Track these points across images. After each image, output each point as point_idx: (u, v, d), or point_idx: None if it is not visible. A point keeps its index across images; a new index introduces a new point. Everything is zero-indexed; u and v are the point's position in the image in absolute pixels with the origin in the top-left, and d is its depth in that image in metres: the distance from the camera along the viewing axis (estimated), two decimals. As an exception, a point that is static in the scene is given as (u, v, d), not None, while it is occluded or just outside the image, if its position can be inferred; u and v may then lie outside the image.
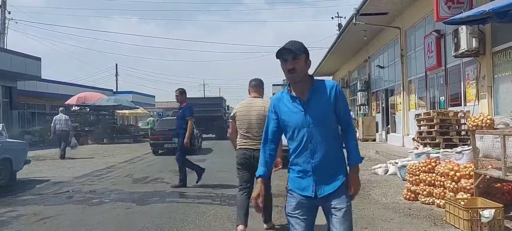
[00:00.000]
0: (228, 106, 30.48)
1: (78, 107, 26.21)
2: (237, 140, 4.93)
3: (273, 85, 42.95)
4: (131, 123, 33.33)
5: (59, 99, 28.60)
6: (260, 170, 2.57)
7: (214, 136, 25.36)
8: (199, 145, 17.75)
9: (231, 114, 5.14)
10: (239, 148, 4.89)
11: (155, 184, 8.42)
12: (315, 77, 2.52)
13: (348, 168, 2.54)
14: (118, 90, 44.31)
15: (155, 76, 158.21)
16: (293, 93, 2.49)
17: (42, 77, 24.93)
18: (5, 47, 26.11)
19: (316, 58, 34.64)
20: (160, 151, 16.26)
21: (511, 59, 8.16)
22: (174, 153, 9.64)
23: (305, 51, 2.47)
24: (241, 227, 4.65)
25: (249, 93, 5.04)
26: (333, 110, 2.47)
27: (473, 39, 8.68)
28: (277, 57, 2.47)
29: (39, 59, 23.46)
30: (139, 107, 32.45)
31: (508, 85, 8.32)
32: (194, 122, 18.62)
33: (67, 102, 25.91)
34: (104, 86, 39.34)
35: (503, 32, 8.27)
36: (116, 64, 51.52)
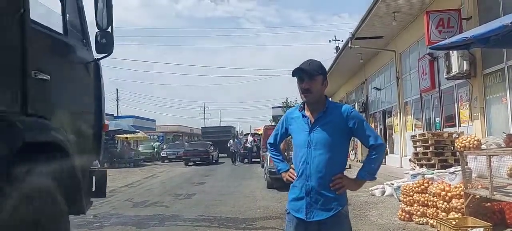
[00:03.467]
0: (237, 131, 33.99)
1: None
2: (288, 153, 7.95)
3: (272, 107, 43.17)
4: (132, 147, 33.42)
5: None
6: (282, 166, 2.67)
7: (225, 155, 30.84)
8: (216, 159, 27.15)
9: (289, 138, 8.92)
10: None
11: (155, 208, 8.51)
12: (330, 99, 2.53)
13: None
14: (119, 115, 44.55)
15: (155, 101, 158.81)
16: (304, 112, 2.49)
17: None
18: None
19: (314, 80, 34.81)
20: (189, 163, 24.33)
21: (501, 81, 8.37)
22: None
23: (322, 72, 2.45)
24: None
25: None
26: (343, 136, 2.44)
27: (464, 62, 8.91)
28: (293, 76, 2.46)
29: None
30: (139, 132, 32.60)
31: (500, 106, 8.51)
32: (212, 144, 23.87)
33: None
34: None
35: (492, 55, 8.51)
36: (117, 89, 51.84)
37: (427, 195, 6.04)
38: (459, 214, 5.24)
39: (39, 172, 2.51)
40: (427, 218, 5.92)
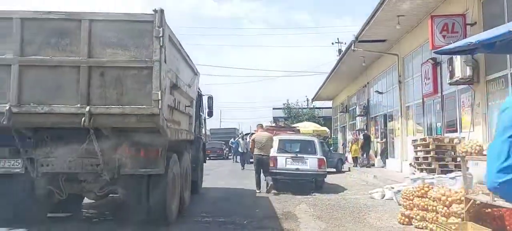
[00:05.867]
0: (241, 133, 35.66)
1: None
2: (254, 150, 10.57)
3: (273, 109, 43.11)
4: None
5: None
6: None
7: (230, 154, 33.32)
8: (227, 156, 31.53)
9: (252, 138, 11.23)
10: (255, 154, 10.54)
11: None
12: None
13: None
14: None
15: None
16: None
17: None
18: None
19: (316, 83, 34.86)
20: (207, 159, 26.47)
21: (504, 88, 8.36)
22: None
23: None
24: (258, 191, 10.28)
25: (259, 129, 11.53)
26: None
27: (467, 67, 8.92)
28: None
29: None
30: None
31: (502, 113, 8.48)
32: (225, 143, 33.23)
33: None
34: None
35: (496, 61, 8.50)
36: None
37: (427, 199, 6.02)
38: (459, 219, 5.22)
39: (201, 150, 10.27)
40: (427, 222, 5.90)
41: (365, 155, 18.32)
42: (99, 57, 5.00)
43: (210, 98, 10.92)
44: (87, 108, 4.87)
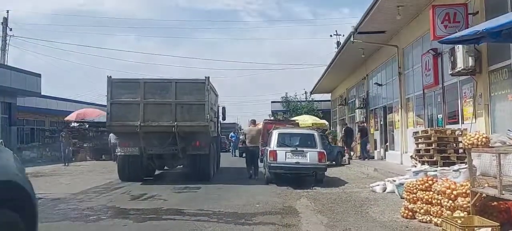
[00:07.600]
0: (240, 127, 36.68)
1: (77, 124, 26.19)
2: (245, 142, 12.63)
3: (272, 102, 42.89)
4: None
5: (58, 115, 28.61)
6: None
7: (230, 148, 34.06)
8: (228, 148, 31.85)
9: (243, 133, 15.89)
10: (246, 146, 12.57)
11: (152, 201, 8.37)
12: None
13: None
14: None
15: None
16: None
17: (41, 94, 24.88)
18: (6, 63, 26.20)
19: (315, 75, 34.78)
20: None
21: (507, 78, 8.22)
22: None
23: None
24: (249, 178, 12.04)
25: (250, 125, 13.08)
26: None
27: (469, 58, 8.77)
28: None
29: (39, 75, 23.48)
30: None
31: (505, 104, 8.37)
32: (226, 137, 31.56)
33: (66, 118, 25.87)
34: (104, 103, 39.27)
35: (499, 51, 8.36)
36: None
37: (431, 192, 5.89)
38: (465, 213, 5.10)
39: (219, 142, 16.52)
40: (431, 216, 5.78)
41: (348, 148, 18.55)
42: (180, 99, 10.78)
43: (223, 108, 15.73)
44: (175, 123, 10.61)
